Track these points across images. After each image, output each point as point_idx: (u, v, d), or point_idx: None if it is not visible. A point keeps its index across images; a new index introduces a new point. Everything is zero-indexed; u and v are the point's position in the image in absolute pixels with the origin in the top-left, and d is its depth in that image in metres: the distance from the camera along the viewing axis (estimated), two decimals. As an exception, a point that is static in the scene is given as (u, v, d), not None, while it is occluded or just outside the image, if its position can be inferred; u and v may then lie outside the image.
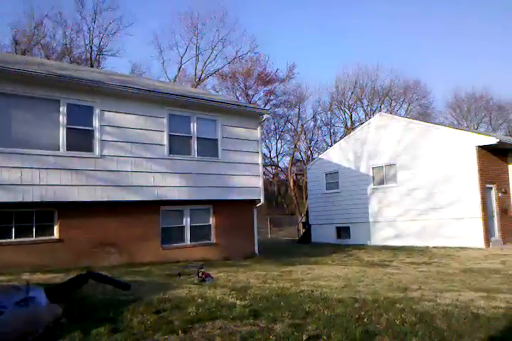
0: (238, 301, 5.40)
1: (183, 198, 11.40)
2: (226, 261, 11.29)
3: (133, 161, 10.62)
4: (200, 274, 7.26)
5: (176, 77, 37.72)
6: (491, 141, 15.27)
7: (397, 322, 4.36)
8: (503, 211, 16.14)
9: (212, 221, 12.34)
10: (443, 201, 15.98)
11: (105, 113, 10.38)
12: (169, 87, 14.16)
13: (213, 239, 12.27)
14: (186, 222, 11.85)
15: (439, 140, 16.42)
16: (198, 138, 11.93)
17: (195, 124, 11.93)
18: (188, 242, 11.78)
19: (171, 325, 4.28)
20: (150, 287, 6.50)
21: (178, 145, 11.57)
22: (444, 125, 20.31)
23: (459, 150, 15.79)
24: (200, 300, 5.41)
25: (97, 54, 34.53)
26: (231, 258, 11.62)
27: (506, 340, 3.76)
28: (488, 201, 15.58)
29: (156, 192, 10.92)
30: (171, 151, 11.36)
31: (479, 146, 15.43)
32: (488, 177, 15.64)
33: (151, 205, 11.04)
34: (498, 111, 48.38)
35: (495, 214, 15.92)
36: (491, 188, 15.94)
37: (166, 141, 11.27)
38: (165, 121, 11.33)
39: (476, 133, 17.39)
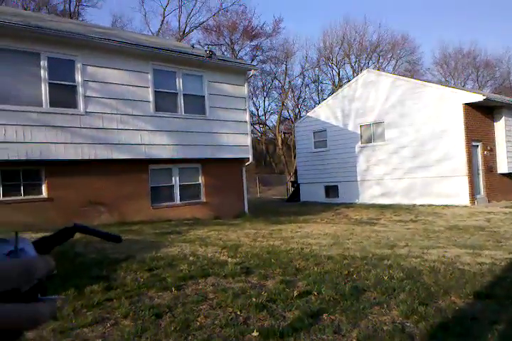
0: (230, 259, 5.47)
1: (170, 156, 11.28)
2: (216, 219, 11.38)
3: (119, 118, 10.39)
4: None
5: (159, 30, 36.43)
6: (478, 98, 15.16)
7: (385, 278, 4.45)
8: (489, 169, 16.36)
9: (201, 180, 12.31)
10: (430, 159, 16.07)
11: (88, 67, 10.01)
12: (153, 41, 13.63)
13: (203, 198, 12.30)
14: (175, 180, 11.81)
15: (426, 97, 16.27)
16: (184, 94, 11.65)
17: (181, 80, 11.61)
18: (178, 201, 11.80)
19: (164, 282, 4.33)
20: (142, 245, 6.54)
21: (164, 102, 11.32)
22: (432, 82, 20.01)
23: (445, 107, 15.69)
24: (192, 258, 5.47)
25: (76, 5, 33.01)
26: (221, 217, 11.71)
27: (491, 295, 3.86)
28: (474, 159, 15.72)
29: (144, 150, 10.78)
30: (157, 108, 11.11)
31: (466, 104, 15.33)
32: (474, 135, 15.69)
33: (139, 164, 10.93)
34: (485, 68, 47.96)
35: (480, 172, 16.13)
36: (477, 146, 16.05)
37: (151, 98, 11.00)
38: (150, 76, 11.01)
39: (462, 90, 17.26)
